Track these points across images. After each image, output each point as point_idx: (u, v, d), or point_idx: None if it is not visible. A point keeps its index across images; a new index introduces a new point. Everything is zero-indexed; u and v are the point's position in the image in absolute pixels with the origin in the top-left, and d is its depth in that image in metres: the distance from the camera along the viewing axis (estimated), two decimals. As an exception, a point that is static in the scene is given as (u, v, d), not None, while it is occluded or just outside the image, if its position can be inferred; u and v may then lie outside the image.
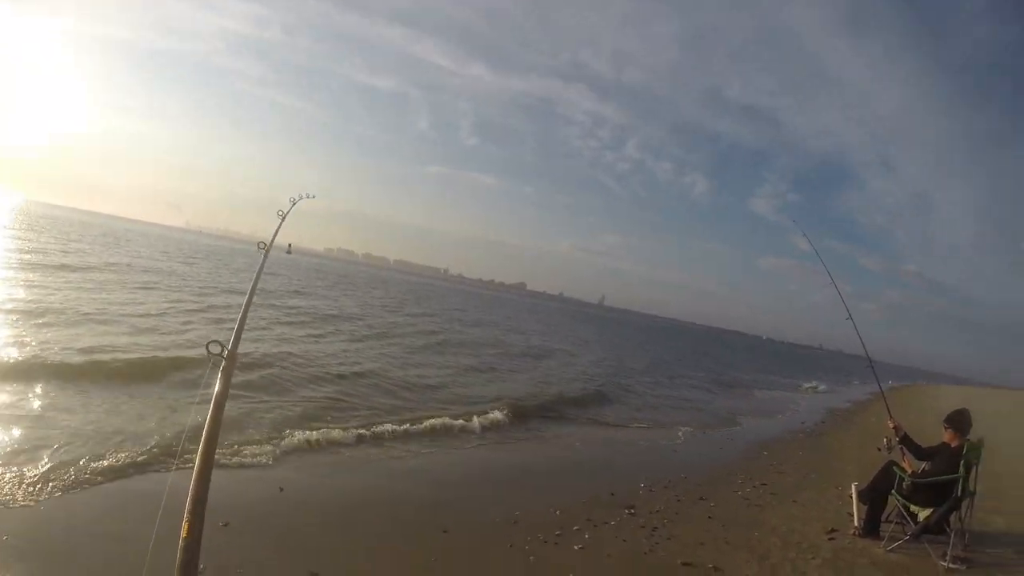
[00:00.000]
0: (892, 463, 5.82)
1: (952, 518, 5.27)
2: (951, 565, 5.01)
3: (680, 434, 12.24)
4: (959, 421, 5.47)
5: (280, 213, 4.14)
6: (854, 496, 6.17)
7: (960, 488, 5.13)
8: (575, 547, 5.42)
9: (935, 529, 5.24)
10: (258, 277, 3.42)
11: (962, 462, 5.14)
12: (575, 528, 5.87)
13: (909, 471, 5.63)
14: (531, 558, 5.13)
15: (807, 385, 33.25)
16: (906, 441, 5.84)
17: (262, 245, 3.68)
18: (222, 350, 2.46)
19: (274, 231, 4.04)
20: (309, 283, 44.32)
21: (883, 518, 5.82)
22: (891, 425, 5.98)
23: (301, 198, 4.61)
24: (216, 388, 2.40)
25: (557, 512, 6.28)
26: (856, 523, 5.93)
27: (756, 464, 9.88)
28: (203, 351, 2.37)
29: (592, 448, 10.03)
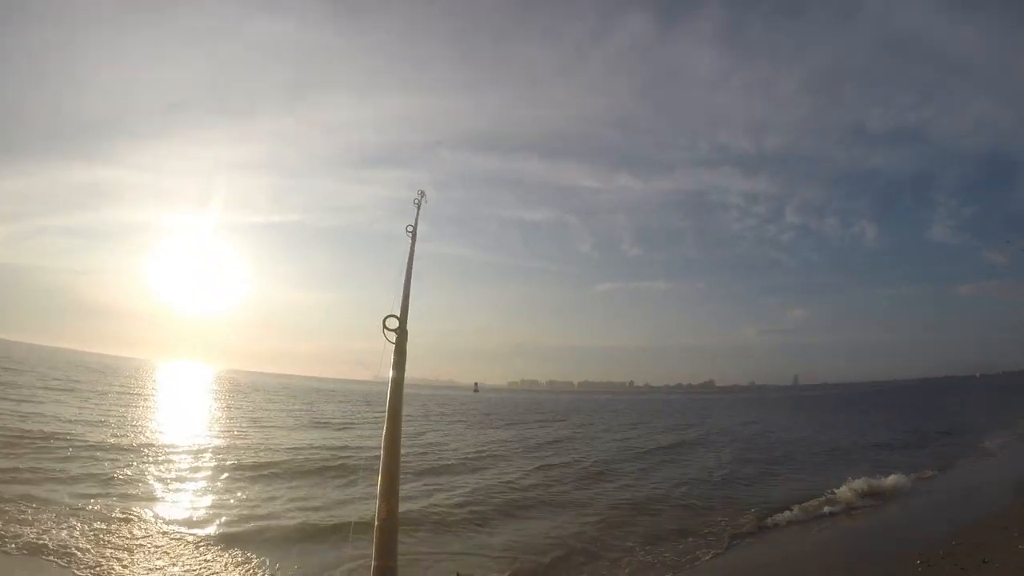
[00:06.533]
0: None
1: None
2: None
3: (933, 496, 11.53)
4: None
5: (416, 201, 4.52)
6: None
7: None
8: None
9: None
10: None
11: None
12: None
13: None
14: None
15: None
16: None
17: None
18: (398, 325, 2.69)
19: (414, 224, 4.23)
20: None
21: None
22: None
23: (422, 196, 4.63)
24: (393, 365, 2.63)
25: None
26: None
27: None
28: None
29: (849, 530, 9.70)
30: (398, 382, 2.58)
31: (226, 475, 12.31)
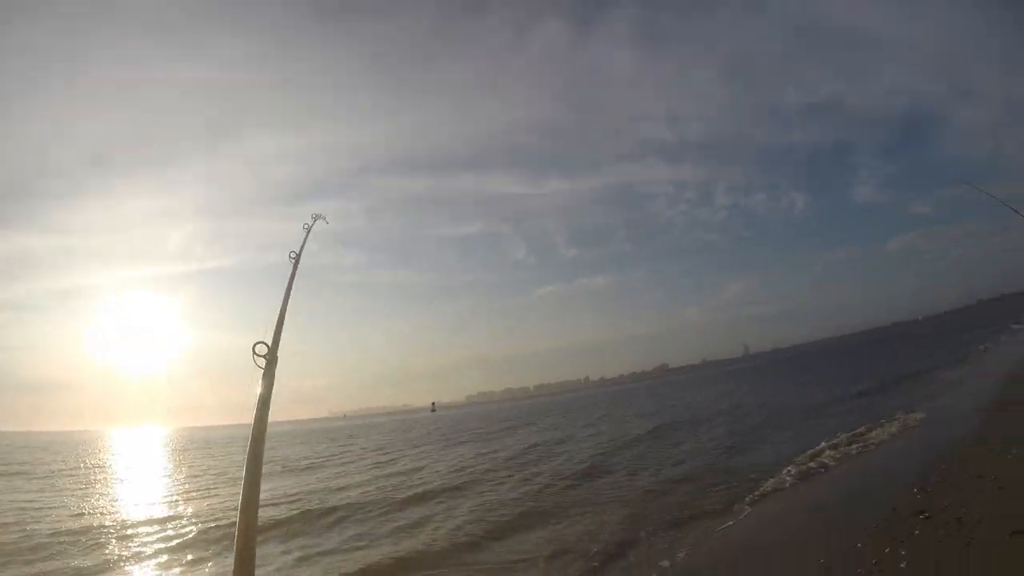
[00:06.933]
0: None
1: None
2: None
3: (910, 433, 12.16)
4: None
5: (304, 227, 4.48)
6: None
7: None
8: (900, 565, 5.50)
9: None
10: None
11: None
12: (886, 551, 5.92)
13: None
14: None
15: (981, 347, 31.36)
16: None
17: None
18: (267, 351, 2.73)
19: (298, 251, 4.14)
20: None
21: None
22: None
23: (318, 219, 4.64)
24: (260, 389, 2.66)
25: (859, 545, 6.34)
26: None
27: (1004, 424, 9.59)
28: None
29: (845, 477, 10.02)
30: (264, 400, 2.64)
31: (207, 538, 11.06)
